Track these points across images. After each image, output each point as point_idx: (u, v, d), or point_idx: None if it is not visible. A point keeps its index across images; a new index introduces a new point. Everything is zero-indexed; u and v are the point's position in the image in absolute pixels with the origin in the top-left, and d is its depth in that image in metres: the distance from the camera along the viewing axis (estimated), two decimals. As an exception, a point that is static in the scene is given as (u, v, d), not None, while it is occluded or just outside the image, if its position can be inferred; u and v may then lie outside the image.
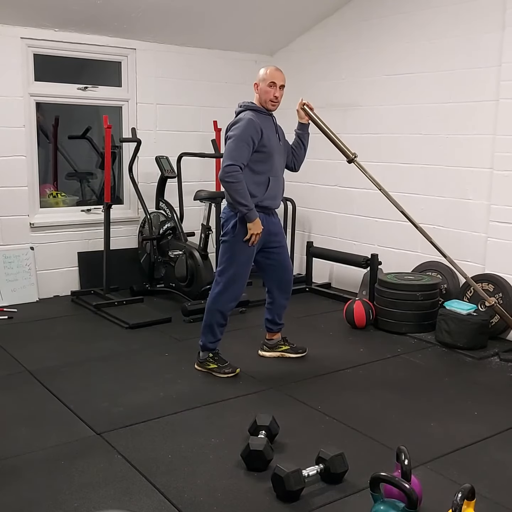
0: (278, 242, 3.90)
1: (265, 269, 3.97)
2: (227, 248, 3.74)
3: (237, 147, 3.53)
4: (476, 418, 3.32)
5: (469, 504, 2.16)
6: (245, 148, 3.54)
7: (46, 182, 6.38)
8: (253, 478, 2.69)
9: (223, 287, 3.76)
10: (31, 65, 5.19)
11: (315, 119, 3.90)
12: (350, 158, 4.00)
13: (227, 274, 3.74)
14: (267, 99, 3.67)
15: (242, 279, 3.79)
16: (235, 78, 6.12)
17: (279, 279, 3.98)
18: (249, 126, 3.55)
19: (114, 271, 5.43)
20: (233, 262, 3.73)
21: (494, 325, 4.49)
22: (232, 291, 3.78)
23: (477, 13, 4.63)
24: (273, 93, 3.66)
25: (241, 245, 3.69)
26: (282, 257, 3.95)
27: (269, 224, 3.80)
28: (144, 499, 2.52)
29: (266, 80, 3.66)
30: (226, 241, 3.73)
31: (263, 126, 3.63)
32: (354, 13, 5.54)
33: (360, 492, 2.59)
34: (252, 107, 3.69)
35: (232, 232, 3.69)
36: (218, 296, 3.78)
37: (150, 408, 3.36)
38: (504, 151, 4.49)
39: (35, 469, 2.74)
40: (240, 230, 3.66)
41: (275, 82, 3.65)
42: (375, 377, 3.86)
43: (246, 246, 3.70)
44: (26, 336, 4.50)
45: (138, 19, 5.24)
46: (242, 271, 3.76)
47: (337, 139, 3.99)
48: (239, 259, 3.72)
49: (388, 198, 4.13)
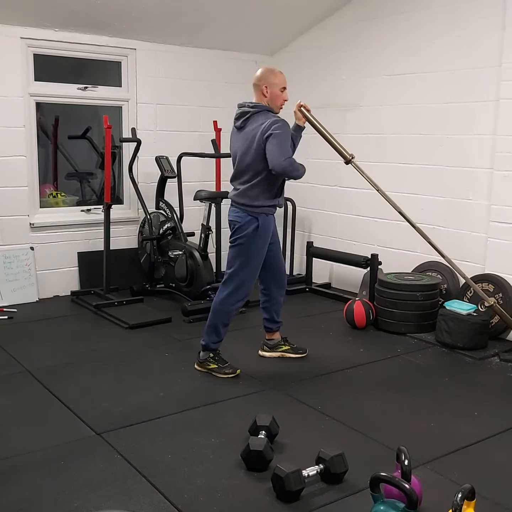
0: (275, 241, 3.98)
1: (263, 267, 3.98)
2: (242, 251, 3.76)
3: (286, 143, 3.68)
4: (476, 418, 3.32)
5: (469, 504, 2.16)
6: (289, 143, 3.72)
7: (46, 182, 6.38)
8: (253, 478, 2.69)
9: (233, 289, 3.78)
10: (31, 65, 5.19)
11: (312, 120, 3.90)
12: (347, 159, 4.00)
13: (238, 277, 3.77)
14: (278, 103, 3.76)
15: (252, 280, 3.84)
16: (235, 78, 6.12)
17: (275, 275, 4.02)
18: (287, 126, 3.71)
19: (114, 271, 5.42)
20: (247, 266, 3.77)
21: (494, 325, 4.49)
22: (242, 292, 3.81)
23: (477, 13, 4.63)
24: (284, 98, 3.76)
25: (257, 249, 3.76)
26: (278, 254, 4.02)
27: (273, 223, 3.88)
28: (144, 499, 2.52)
29: (277, 85, 3.72)
30: (241, 244, 3.75)
31: None
32: (354, 13, 5.54)
33: (360, 492, 2.58)
34: (268, 109, 3.75)
35: (252, 236, 3.72)
36: (227, 298, 3.79)
37: (150, 408, 3.36)
38: (504, 151, 4.49)
39: (35, 469, 2.74)
40: (260, 234, 3.73)
41: (285, 87, 3.76)
42: (375, 377, 3.86)
43: (261, 250, 3.78)
44: (26, 336, 4.50)
45: (138, 19, 5.24)
46: (254, 274, 3.83)
47: (335, 141, 3.99)
48: (253, 263, 3.78)
49: (386, 199, 4.12)
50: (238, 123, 3.77)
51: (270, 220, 3.81)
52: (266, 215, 3.76)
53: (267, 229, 3.78)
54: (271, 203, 3.77)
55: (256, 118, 3.68)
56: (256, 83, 3.74)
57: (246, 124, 3.72)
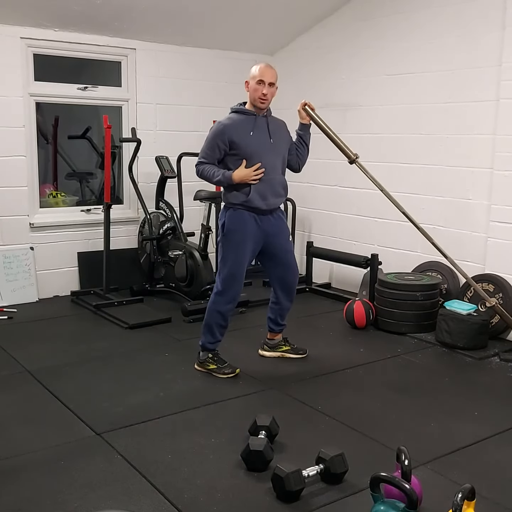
0: (279, 244, 3.85)
1: (269, 270, 3.98)
2: (220, 248, 3.77)
3: (206, 147, 3.71)
4: (476, 418, 3.31)
5: (469, 505, 2.16)
6: (214, 148, 3.68)
7: (46, 182, 6.38)
8: (253, 478, 2.69)
9: (221, 287, 3.77)
10: (31, 65, 5.19)
11: (316, 119, 3.90)
12: (352, 159, 3.99)
13: (222, 275, 3.76)
14: (255, 97, 3.66)
15: (237, 279, 3.76)
16: (235, 78, 6.10)
17: (282, 280, 3.96)
18: (216, 131, 3.67)
19: (114, 271, 5.42)
20: (226, 262, 3.74)
21: (494, 325, 4.49)
22: (229, 292, 3.76)
23: (477, 13, 4.62)
24: (261, 91, 3.64)
25: (230, 244, 3.72)
26: (285, 259, 3.91)
27: (265, 224, 3.77)
28: (144, 499, 2.52)
29: (255, 78, 3.66)
30: (219, 242, 3.78)
31: (240, 127, 3.65)
32: (354, 13, 5.54)
33: (360, 492, 2.58)
34: (236, 109, 3.74)
35: (221, 231, 3.74)
36: (216, 297, 3.79)
37: (150, 408, 3.36)
38: (504, 151, 4.49)
39: (35, 469, 2.74)
40: (228, 229, 3.70)
41: (263, 80, 3.63)
42: (375, 377, 3.86)
43: (236, 245, 3.71)
44: (26, 336, 4.50)
45: (138, 19, 5.24)
46: (235, 270, 3.74)
47: (339, 140, 3.99)
48: (231, 259, 3.73)
49: (389, 199, 4.12)
50: None
51: (240, 216, 3.70)
52: (234, 209, 3.71)
53: (238, 225, 3.69)
54: (236, 200, 3.70)
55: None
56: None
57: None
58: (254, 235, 3.74)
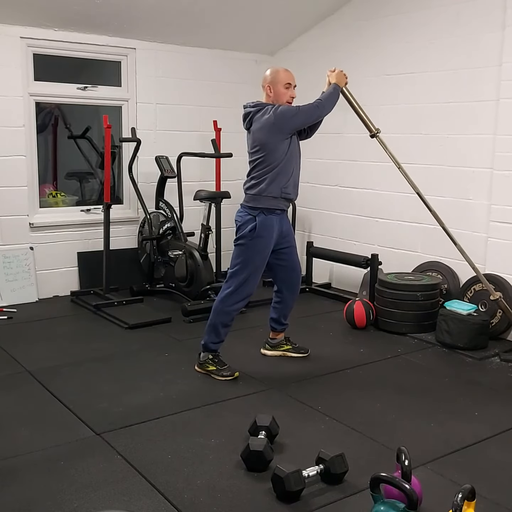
0: (288, 242, 3.92)
1: (274, 269, 3.98)
2: (243, 251, 3.74)
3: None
4: (476, 418, 3.31)
5: (469, 505, 2.16)
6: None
7: (46, 182, 6.37)
8: (253, 478, 2.69)
9: (234, 288, 3.76)
10: (31, 65, 5.18)
11: (344, 87, 3.96)
12: (373, 132, 4.06)
13: (240, 277, 3.74)
14: (283, 101, 3.72)
15: (254, 281, 3.80)
16: (235, 78, 6.12)
17: (288, 279, 3.99)
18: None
19: (114, 271, 5.42)
20: (248, 265, 3.74)
21: (494, 326, 4.49)
22: (242, 292, 3.78)
23: (477, 13, 4.62)
24: (290, 94, 3.73)
25: (258, 248, 3.72)
26: (291, 258, 3.95)
27: (283, 225, 3.84)
28: (144, 499, 2.52)
29: (281, 82, 3.71)
30: (242, 244, 3.74)
31: None
32: (354, 13, 5.54)
33: (360, 492, 2.58)
34: (270, 105, 3.72)
35: (250, 235, 3.70)
36: (227, 297, 3.77)
37: (150, 408, 3.35)
38: (504, 151, 4.49)
39: (35, 469, 2.74)
40: (259, 233, 3.69)
41: (290, 83, 3.73)
42: (375, 377, 3.86)
43: (263, 250, 3.74)
44: (26, 336, 4.50)
45: (138, 19, 5.24)
46: (255, 274, 3.78)
47: (362, 112, 4.04)
48: (254, 263, 3.75)
49: (406, 178, 4.15)
50: (244, 125, 3.80)
51: (270, 222, 3.74)
52: (265, 214, 3.73)
53: (267, 232, 3.73)
54: (272, 202, 3.72)
55: (259, 116, 3.68)
56: (262, 84, 3.77)
57: (251, 124, 3.73)
58: (276, 238, 3.80)
